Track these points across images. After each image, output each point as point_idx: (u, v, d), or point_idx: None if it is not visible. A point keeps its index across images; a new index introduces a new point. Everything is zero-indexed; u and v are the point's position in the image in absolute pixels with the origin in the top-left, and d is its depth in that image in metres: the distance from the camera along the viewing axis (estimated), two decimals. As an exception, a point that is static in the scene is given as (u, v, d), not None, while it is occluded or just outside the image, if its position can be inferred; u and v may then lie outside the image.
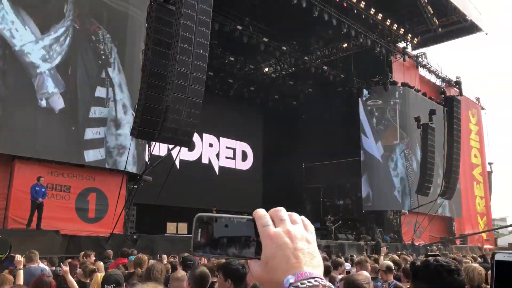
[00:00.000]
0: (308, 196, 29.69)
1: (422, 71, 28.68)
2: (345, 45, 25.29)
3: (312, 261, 0.78)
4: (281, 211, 0.82)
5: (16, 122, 12.31)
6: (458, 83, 29.91)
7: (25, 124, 12.45)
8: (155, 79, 12.71)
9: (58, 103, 13.25)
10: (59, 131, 13.15)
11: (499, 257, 0.93)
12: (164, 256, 8.04)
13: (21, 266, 4.89)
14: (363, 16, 21.31)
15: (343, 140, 26.35)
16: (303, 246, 0.78)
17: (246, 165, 27.31)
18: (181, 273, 4.02)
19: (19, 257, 5.04)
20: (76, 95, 13.83)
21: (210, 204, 22.07)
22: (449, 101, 23.20)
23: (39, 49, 13.03)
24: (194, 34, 12.23)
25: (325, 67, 24.53)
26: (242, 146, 27.16)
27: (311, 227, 0.84)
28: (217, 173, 25.42)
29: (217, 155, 25.63)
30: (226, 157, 26.16)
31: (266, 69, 26.78)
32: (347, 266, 8.14)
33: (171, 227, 20.09)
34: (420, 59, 27.79)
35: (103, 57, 14.63)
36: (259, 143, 28.35)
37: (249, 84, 26.08)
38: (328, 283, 0.76)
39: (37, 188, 11.70)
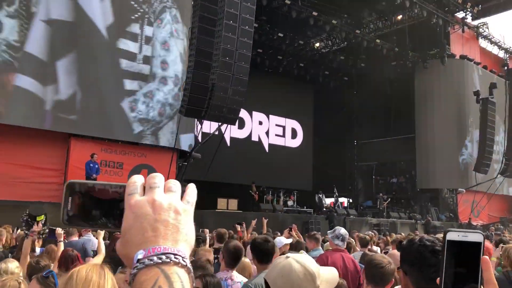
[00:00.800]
0: (360, 174, 29.24)
1: (483, 43, 27.03)
2: (399, 17, 24.20)
3: (176, 235, 0.68)
4: (155, 177, 0.73)
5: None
6: (523, 54, 27.99)
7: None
8: (202, 57, 12.81)
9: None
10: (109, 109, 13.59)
11: (451, 236, 0.84)
12: (206, 230, 8.21)
13: (61, 239, 5.14)
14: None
15: (397, 116, 25.55)
16: (167, 217, 0.69)
17: (296, 142, 27.18)
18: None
19: (59, 230, 5.29)
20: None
21: (260, 181, 22.26)
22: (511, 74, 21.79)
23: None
24: (240, 10, 12.16)
25: (378, 41, 23.65)
26: (292, 123, 27.01)
27: (191, 198, 0.74)
28: (267, 151, 25.49)
29: (267, 133, 25.66)
30: (276, 135, 26.14)
31: (317, 45, 26.24)
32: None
33: (221, 203, 20.47)
34: (481, 29, 26.14)
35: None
36: (309, 121, 28.06)
37: (299, 60, 25.71)
38: (187, 262, 0.66)
39: (91, 165, 12.28)
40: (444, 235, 0.84)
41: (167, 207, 0.70)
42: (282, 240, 5.54)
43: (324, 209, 21.25)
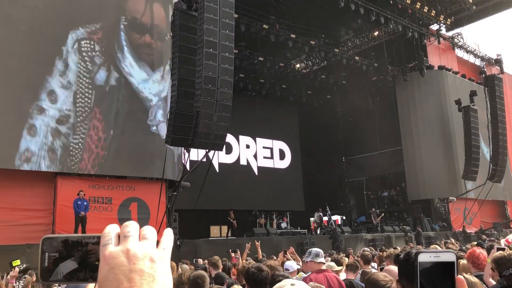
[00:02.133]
0: (351, 190, 29.29)
1: (460, 52, 27.62)
2: (375, 33, 24.76)
3: (152, 284, 0.67)
4: (128, 226, 0.72)
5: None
6: (498, 61, 28.64)
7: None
8: (184, 86, 12.87)
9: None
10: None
11: (423, 257, 0.82)
12: (200, 260, 8.07)
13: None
14: (391, 2, 20.74)
15: (382, 130, 25.79)
16: (142, 266, 0.68)
17: (285, 163, 27.19)
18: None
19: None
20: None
21: (251, 205, 22.14)
22: (490, 80, 22.28)
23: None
24: (219, 37, 12.27)
25: (357, 58, 24.05)
26: (279, 144, 27.07)
27: (167, 244, 0.73)
28: (256, 174, 25.44)
29: (255, 156, 25.66)
30: (264, 157, 26.15)
31: (297, 66, 26.59)
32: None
33: (214, 230, 20.32)
34: (456, 40, 26.76)
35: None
36: (296, 141, 28.16)
37: (281, 82, 25.96)
38: None
39: (79, 202, 12.10)
40: (416, 257, 0.82)
41: (142, 256, 0.68)
42: (293, 266, 5.42)
43: (325, 227, 21.23)
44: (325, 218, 22.56)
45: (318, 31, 23.65)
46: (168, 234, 0.75)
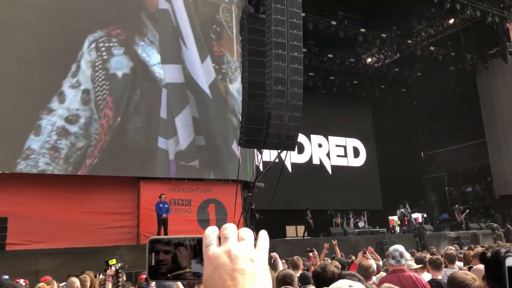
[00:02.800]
0: (431, 186, 28.00)
1: (548, 34, 25.39)
2: (451, 21, 23.41)
3: (253, 282, 0.72)
4: (226, 228, 0.77)
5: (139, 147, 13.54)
6: None
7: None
8: (255, 89, 13.05)
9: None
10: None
11: (511, 262, 0.76)
12: (274, 254, 8.13)
13: (153, 284, 5.35)
14: (467, -14, 19.56)
15: (463, 122, 24.42)
16: (244, 266, 0.72)
17: (360, 161, 26.61)
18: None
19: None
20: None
21: (326, 204, 21.92)
22: None
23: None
24: (287, 38, 12.29)
25: (432, 48, 22.98)
26: (353, 142, 26.55)
27: (264, 245, 0.78)
28: (330, 173, 25.13)
29: (328, 155, 25.36)
30: (337, 156, 25.76)
31: (369, 60, 25.90)
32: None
33: (290, 231, 20.34)
34: (543, 20, 24.64)
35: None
36: (371, 137, 27.45)
37: (352, 78, 25.45)
38: None
39: (161, 205, 12.72)
40: (503, 261, 0.76)
41: (243, 256, 0.73)
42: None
43: (409, 225, 20.57)
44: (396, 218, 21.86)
45: (389, 23, 22.86)
46: (264, 236, 0.80)
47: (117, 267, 5.18)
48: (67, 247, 11.39)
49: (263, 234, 0.80)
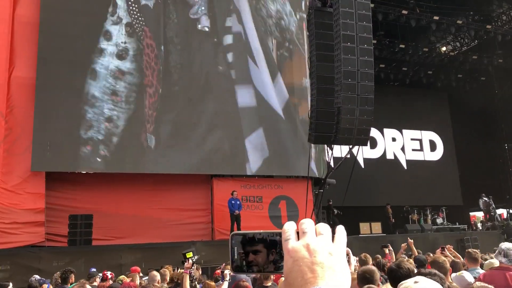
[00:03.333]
0: (517, 180, 26.07)
1: None
2: (536, 1, 21.70)
3: (332, 275, 0.73)
4: (304, 223, 0.79)
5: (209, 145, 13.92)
6: None
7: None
8: (323, 83, 12.88)
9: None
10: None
11: None
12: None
13: (227, 278, 5.47)
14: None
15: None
16: (322, 259, 0.74)
17: (437, 155, 25.40)
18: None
19: (226, 270, 5.62)
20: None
21: (402, 201, 21.20)
22: None
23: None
24: (356, 30, 12.01)
25: (514, 32, 21.43)
26: (429, 135, 25.40)
27: (342, 239, 0.79)
28: (405, 168, 24.24)
29: (402, 149, 24.48)
30: (413, 150, 24.78)
31: (443, 49, 24.66)
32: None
33: (364, 228, 19.88)
34: None
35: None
36: (448, 130, 26.09)
37: (426, 68, 24.36)
38: None
39: (233, 202, 12.99)
40: None
41: (321, 250, 0.76)
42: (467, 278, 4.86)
43: (494, 221, 19.38)
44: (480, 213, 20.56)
45: (465, 8, 21.61)
46: (341, 230, 0.81)
47: (193, 260, 5.35)
48: (147, 243, 11.98)
49: (341, 229, 0.81)
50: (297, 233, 0.79)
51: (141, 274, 8.13)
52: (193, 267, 5.42)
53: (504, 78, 25.01)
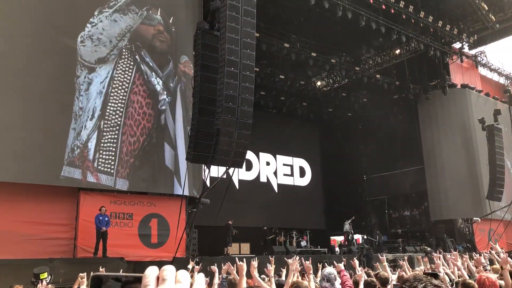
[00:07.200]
0: (372, 209, 28.85)
1: (483, 70, 27.30)
2: (397, 51, 24.66)
3: None
4: (165, 270, 0.81)
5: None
6: (524, 79, 28.17)
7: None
8: (205, 104, 13.04)
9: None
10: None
11: None
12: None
13: None
14: (413, 20, 20.67)
15: (404, 148, 25.53)
16: None
17: (305, 181, 27.08)
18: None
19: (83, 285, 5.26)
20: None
21: (271, 222, 22.05)
22: (514, 99, 21.85)
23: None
24: (240, 57, 12.43)
25: (378, 76, 24.00)
26: (299, 162, 27.02)
27: (199, 286, 0.83)
28: (276, 191, 25.38)
29: (275, 173, 25.64)
30: (284, 174, 26.10)
31: (318, 83, 26.63)
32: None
33: (233, 248, 20.22)
34: (479, 58, 26.50)
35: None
36: (317, 158, 28.06)
37: (302, 100, 26.04)
38: None
39: (100, 218, 12.28)
40: None
41: None
42: None
43: (350, 245, 20.96)
44: (340, 238, 22.31)
45: (339, 49, 23.74)
46: (200, 279, 0.84)
47: (47, 281, 4.96)
48: (-3, 259, 10.73)
49: (199, 277, 0.84)
50: (158, 279, 0.80)
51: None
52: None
53: (367, 116, 27.74)
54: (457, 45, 25.23)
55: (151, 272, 0.81)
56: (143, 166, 14.19)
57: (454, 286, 5.28)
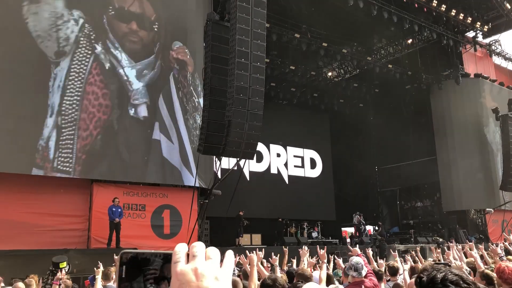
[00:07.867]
0: (384, 200, 28.74)
1: (497, 59, 26.90)
2: (409, 41, 24.37)
3: None
4: (195, 246, 0.82)
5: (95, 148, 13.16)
6: (539, 68, 27.69)
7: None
8: (216, 96, 13.06)
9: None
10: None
11: None
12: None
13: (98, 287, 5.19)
14: (425, 9, 20.41)
15: (416, 139, 25.32)
16: (208, 284, 0.77)
17: (316, 172, 27.01)
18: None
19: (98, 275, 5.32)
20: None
21: (282, 213, 22.08)
22: (529, 88, 21.51)
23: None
24: (250, 47, 12.40)
25: (390, 66, 23.76)
26: (310, 153, 26.94)
27: (229, 264, 0.83)
28: (287, 183, 25.38)
29: (285, 165, 25.62)
30: (295, 166, 26.06)
31: (329, 74, 26.47)
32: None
33: (245, 239, 20.32)
34: (493, 47, 26.08)
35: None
36: (327, 149, 27.94)
37: (313, 91, 25.89)
38: None
39: (113, 209, 12.41)
40: None
41: (208, 275, 0.78)
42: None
43: (362, 236, 20.89)
44: (351, 229, 22.23)
45: (351, 39, 23.52)
46: (230, 255, 0.85)
47: (66, 270, 5.03)
48: (12, 249, 10.92)
49: (229, 254, 0.84)
50: (188, 255, 0.80)
51: (2, 284, 7.40)
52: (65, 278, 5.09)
53: (379, 107, 27.55)
54: (470, 34, 24.87)
55: (181, 249, 0.82)
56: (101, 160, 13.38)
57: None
